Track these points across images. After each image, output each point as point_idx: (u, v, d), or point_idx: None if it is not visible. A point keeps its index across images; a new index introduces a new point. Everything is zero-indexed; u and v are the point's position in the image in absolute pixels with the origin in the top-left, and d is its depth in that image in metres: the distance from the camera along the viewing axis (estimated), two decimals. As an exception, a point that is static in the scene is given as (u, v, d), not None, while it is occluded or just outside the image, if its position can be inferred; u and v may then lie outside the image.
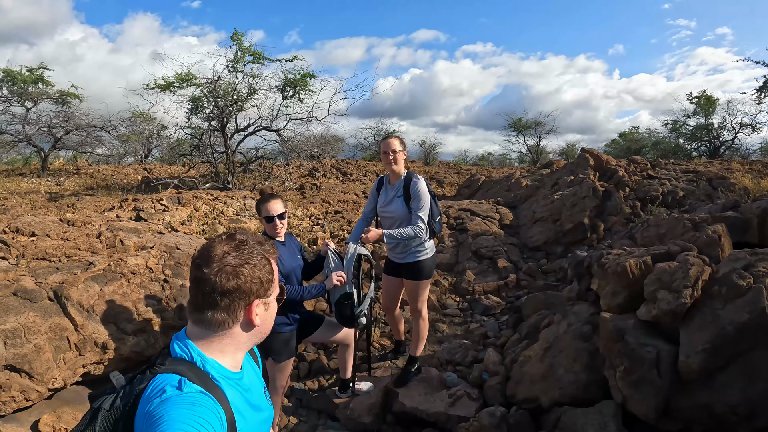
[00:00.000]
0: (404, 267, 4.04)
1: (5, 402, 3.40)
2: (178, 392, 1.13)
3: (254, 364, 1.57)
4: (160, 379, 1.18)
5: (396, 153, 3.91)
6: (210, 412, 1.13)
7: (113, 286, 4.43)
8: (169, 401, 1.11)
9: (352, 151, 29.91)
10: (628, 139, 27.91)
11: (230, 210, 9.38)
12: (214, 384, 1.24)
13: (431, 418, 3.70)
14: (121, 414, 1.18)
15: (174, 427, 1.04)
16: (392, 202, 3.97)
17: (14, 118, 16.07)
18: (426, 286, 4.10)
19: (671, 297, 2.97)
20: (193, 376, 1.20)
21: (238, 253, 1.28)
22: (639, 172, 8.93)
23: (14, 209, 8.44)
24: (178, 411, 1.08)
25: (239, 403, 1.31)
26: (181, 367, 1.21)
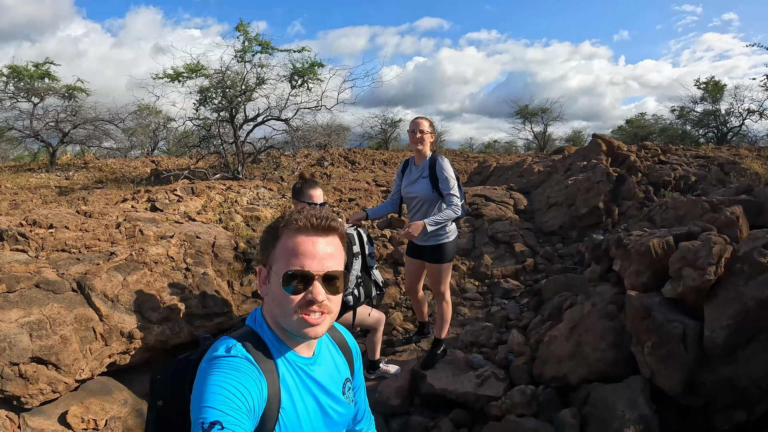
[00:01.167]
0: (427, 250, 4.06)
1: (33, 395, 3.38)
2: (225, 354, 1.21)
3: (341, 358, 1.53)
4: (221, 341, 1.26)
5: (424, 134, 3.96)
6: (249, 378, 1.17)
7: (136, 275, 4.44)
8: (215, 363, 1.18)
9: (359, 140, 29.86)
10: (634, 125, 27.64)
11: (244, 199, 9.38)
12: (268, 356, 1.28)
13: (460, 399, 3.72)
14: (190, 366, 1.30)
15: (211, 390, 1.11)
16: (416, 182, 4.02)
17: (21, 114, 16.09)
18: (448, 268, 4.11)
19: (696, 274, 2.99)
20: (250, 344, 1.26)
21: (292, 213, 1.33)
22: (650, 157, 8.88)
23: (25, 204, 8.48)
24: (219, 374, 1.15)
25: (294, 384, 1.31)
26: (244, 333, 1.30)
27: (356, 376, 1.59)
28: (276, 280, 1.27)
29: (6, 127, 16.50)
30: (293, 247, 1.26)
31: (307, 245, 1.27)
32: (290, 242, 1.27)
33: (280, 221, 1.32)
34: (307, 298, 1.25)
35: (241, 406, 1.11)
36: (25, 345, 3.49)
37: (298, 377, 1.32)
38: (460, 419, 3.61)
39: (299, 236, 1.27)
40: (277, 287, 1.26)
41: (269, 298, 1.31)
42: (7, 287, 3.84)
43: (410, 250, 4.31)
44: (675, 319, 2.93)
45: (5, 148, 18.67)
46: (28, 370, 3.46)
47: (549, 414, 3.15)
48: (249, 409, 1.13)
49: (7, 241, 4.83)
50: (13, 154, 19.32)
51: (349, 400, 1.48)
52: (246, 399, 1.13)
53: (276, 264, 1.28)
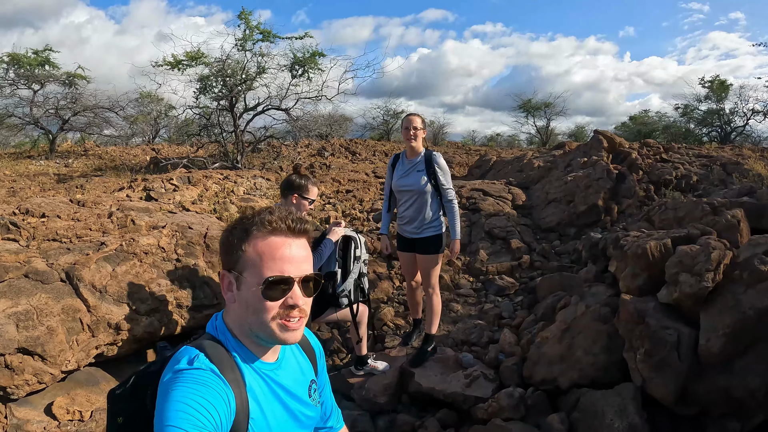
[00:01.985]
0: (420, 242, 4.14)
1: (18, 385, 3.37)
2: (188, 366, 1.14)
3: (305, 360, 1.48)
4: (182, 352, 1.20)
5: (417, 130, 4.08)
6: (215, 392, 1.11)
7: (126, 266, 4.40)
8: (177, 377, 1.12)
9: (361, 130, 29.74)
10: (638, 122, 27.48)
11: (241, 189, 9.34)
12: (233, 365, 1.21)
13: (448, 399, 3.67)
14: (150, 379, 1.22)
15: (174, 407, 1.05)
16: (410, 175, 4.11)
17: (21, 101, 16.03)
18: (439, 260, 4.21)
19: (693, 280, 2.92)
20: (213, 353, 1.19)
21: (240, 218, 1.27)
22: (652, 155, 8.81)
23: (23, 191, 8.44)
24: (183, 390, 1.08)
25: (261, 392, 1.26)
26: (206, 343, 1.22)
27: (320, 375, 1.56)
28: (249, 286, 1.19)
29: (6, 114, 16.43)
30: (270, 251, 1.20)
31: (285, 249, 1.21)
32: (265, 246, 1.20)
33: (247, 222, 1.23)
34: (287, 303, 1.20)
35: (207, 423, 1.06)
36: (11, 335, 3.46)
37: (265, 384, 1.28)
38: (446, 419, 3.56)
39: (275, 239, 1.21)
40: (252, 294, 1.19)
41: (238, 306, 1.24)
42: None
43: (402, 245, 4.34)
44: (669, 326, 2.87)
45: (5, 135, 18.56)
46: (13, 360, 3.43)
47: (537, 418, 3.10)
48: (215, 425, 1.08)
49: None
50: (13, 141, 19.23)
51: (315, 402, 1.44)
52: (212, 415, 1.07)
53: (249, 270, 1.20)
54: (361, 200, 9.33)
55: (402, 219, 4.22)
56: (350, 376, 4.13)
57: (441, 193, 4.11)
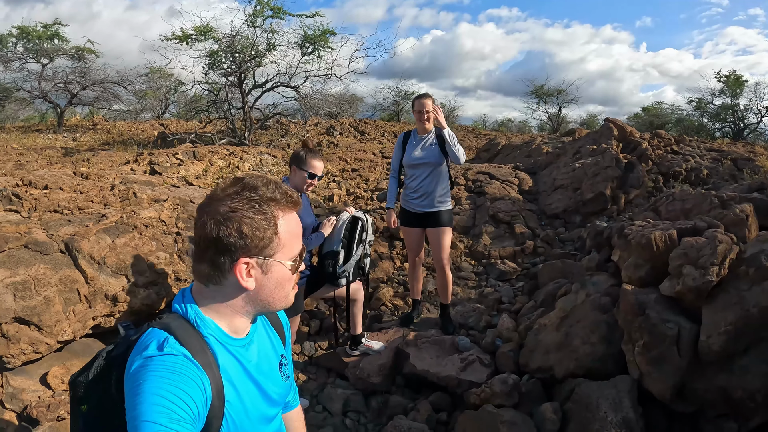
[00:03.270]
0: (433, 215, 4.25)
1: (14, 354, 3.40)
2: (158, 353, 1.06)
3: (274, 334, 1.42)
4: (149, 335, 1.11)
5: (429, 113, 4.19)
6: (189, 380, 1.05)
7: (125, 238, 4.39)
8: (148, 365, 1.04)
9: (371, 110, 29.49)
10: (651, 113, 26.90)
11: (246, 165, 9.30)
12: (204, 346, 1.14)
13: (441, 382, 3.65)
14: (114, 364, 1.14)
15: (150, 400, 0.98)
16: (425, 148, 4.24)
17: (30, 75, 15.93)
18: (450, 233, 4.36)
19: (697, 273, 2.82)
20: (183, 335, 1.12)
21: (232, 200, 1.12)
22: (663, 146, 8.65)
23: (30, 164, 8.44)
24: (156, 380, 1.02)
25: (234, 372, 1.20)
26: (174, 324, 1.14)
27: (287, 348, 1.50)
28: (280, 266, 1.18)
29: (14, 88, 16.45)
30: (296, 227, 1.21)
31: (300, 224, 1.24)
32: (292, 222, 1.20)
33: (266, 202, 1.14)
34: (299, 270, 1.25)
35: (185, 415, 1.00)
36: (8, 305, 3.48)
37: (237, 363, 1.22)
38: (439, 403, 3.55)
39: (294, 214, 1.21)
40: (284, 273, 1.19)
41: (259, 290, 1.18)
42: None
43: (409, 220, 4.39)
44: (670, 320, 2.78)
45: (14, 109, 18.57)
46: (10, 330, 3.46)
47: (530, 406, 3.06)
48: (193, 416, 1.02)
49: (1, 201, 4.79)
50: (23, 115, 19.24)
51: (285, 377, 1.40)
52: (188, 406, 1.02)
53: (281, 251, 1.17)
54: (367, 179, 9.25)
55: (413, 193, 4.28)
56: (345, 355, 4.12)
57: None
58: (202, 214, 1.13)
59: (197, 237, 1.14)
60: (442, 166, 4.24)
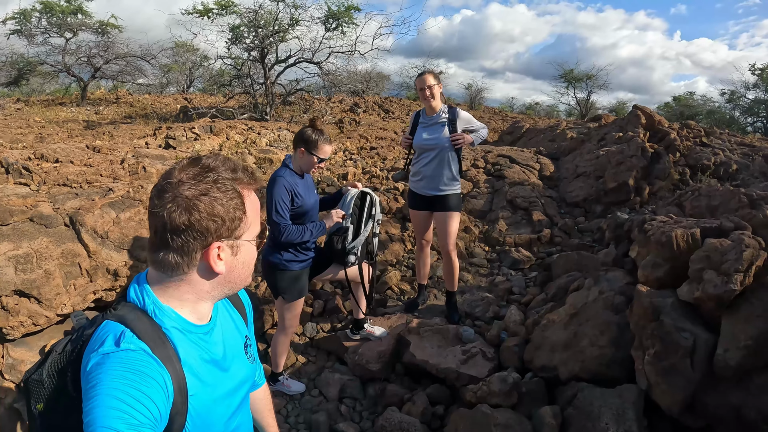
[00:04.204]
0: (439, 199, 4.10)
1: (14, 326, 3.42)
2: (114, 348, 0.99)
3: (237, 315, 1.36)
4: (104, 328, 1.04)
5: (432, 88, 3.98)
6: (149, 378, 0.98)
7: (130, 212, 4.35)
8: (104, 363, 0.97)
9: (397, 89, 29.20)
10: (681, 103, 26.05)
11: (263, 140, 9.20)
12: (163, 338, 1.06)
13: (440, 374, 3.52)
14: (68, 360, 1.09)
15: (106, 403, 0.92)
16: (433, 131, 4.06)
17: (53, 49, 16.19)
18: (459, 219, 4.22)
19: (719, 280, 2.57)
20: (140, 328, 1.04)
21: (197, 182, 1.04)
22: (692, 138, 8.22)
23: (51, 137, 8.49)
24: (113, 380, 0.94)
25: (196, 362, 1.12)
26: (130, 315, 1.06)
27: (249, 327, 1.43)
28: (248, 246, 1.15)
29: (38, 62, 16.63)
30: (257, 203, 1.17)
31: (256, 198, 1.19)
32: (254, 201, 1.16)
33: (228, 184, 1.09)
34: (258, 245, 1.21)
35: (144, 420, 0.93)
36: (9, 278, 3.50)
37: (200, 350, 1.14)
38: (437, 395, 3.43)
39: (254, 192, 1.16)
40: (251, 252, 1.16)
41: (230, 272, 1.13)
42: (1, 220, 3.83)
43: (416, 203, 4.26)
44: (686, 329, 2.56)
45: (39, 83, 18.82)
46: (9, 302, 3.47)
47: (531, 407, 2.89)
48: (154, 419, 0.95)
49: (12, 174, 4.80)
50: (49, 89, 19.50)
51: (251, 359, 1.35)
52: (148, 409, 0.95)
53: (249, 230, 1.14)
54: (384, 158, 9.09)
55: (420, 176, 4.14)
56: (346, 339, 4.02)
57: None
58: (163, 200, 1.03)
59: (159, 224, 1.04)
60: (449, 148, 4.01)
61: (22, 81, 17.72)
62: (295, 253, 3.27)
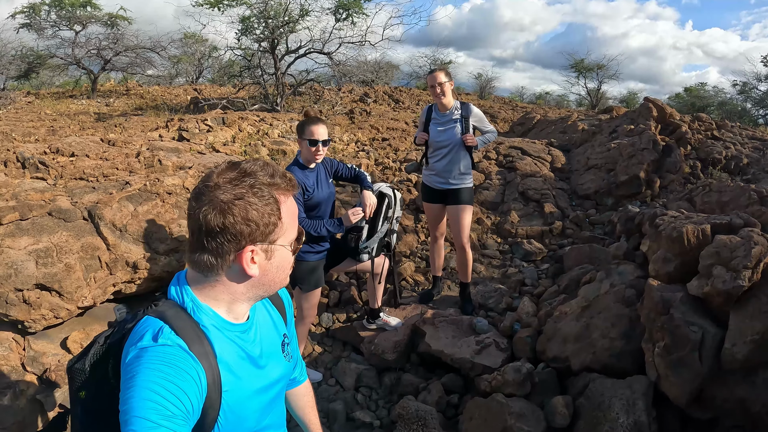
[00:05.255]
0: (452, 193, 4.17)
1: (35, 319, 3.48)
2: (152, 343, 1.04)
3: (276, 314, 1.40)
4: (144, 323, 1.09)
5: (443, 85, 4.00)
6: (184, 372, 1.02)
7: (147, 205, 4.41)
8: (142, 356, 1.02)
9: (407, 78, 29.06)
10: (693, 94, 25.71)
11: (275, 132, 9.25)
12: (200, 335, 1.10)
13: (455, 364, 3.58)
14: (111, 351, 1.15)
15: (142, 395, 0.96)
16: (446, 130, 4.11)
17: (63, 42, 16.22)
18: (471, 212, 4.26)
19: (728, 276, 2.61)
20: (178, 324, 1.09)
21: (233, 186, 1.06)
22: (703, 131, 8.20)
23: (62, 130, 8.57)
24: (149, 373, 0.99)
25: (233, 358, 1.17)
26: (169, 312, 1.11)
27: (289, 326, 1.47)
28: (283, 251, 1.16)
29: (48, 55, 16.68)
30: (294, 208, 1.19)
31: (295, 203, 1.21)
32: (292, 206, 1.17)
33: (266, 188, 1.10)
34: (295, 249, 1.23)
35: (177, 411, 0.98)
36: (30, 272, 3.54)
37: (237, 348, 1.18)
38: (452, 385, 3.50)
39: (292, 197, 1.18)
40: (286, 257, 1.18)
41: (263, 276, 1.16)
42: (20, 215, 3.88)
43: (429, 196, 4.33)
44: (695, 323, 2.61)
45: (49, 76, 18.92)
46: (31, 296, 3.52)
47: (543, 397, 2.96)
48: (186, 412, 1.00)
49: (29, 169, 4.87)
50: (58, 81, 19.58)
51: (288, 357, 1.38)
52: (181, 401, 0.99)
53: (283, 236, 1.15)
54: (396, 149, 9.12)
55: (433, 171, 4.21)
56: (361, 329, 4.09)
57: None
58: (200, 202, 1.06)
59: (195, 226, 1.08)
60: (461, 145, 4.09)
61: (32, 74, 17.81)
62: (311, 245, 3.35)
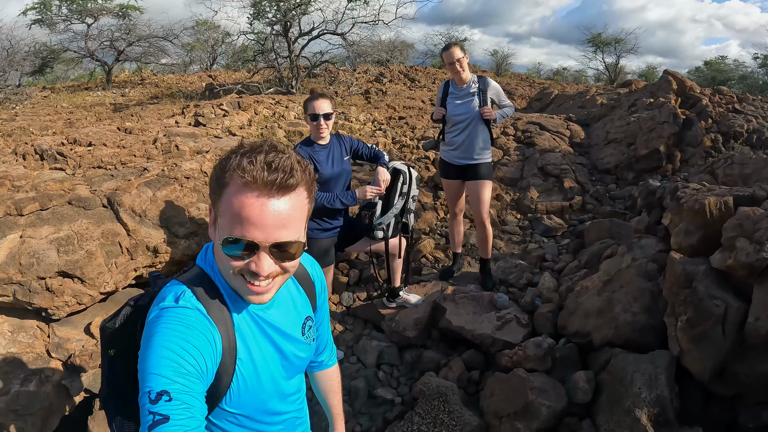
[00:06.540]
0: (471, 168, 4.15)
1: (58, 306, 3.53)
2: (173, 305, 1.09)
3: (301, 295, 1.37)
4: (170, 287, 1.14)
5: (461, 60, 3.99)
6: (200, 334, 1.06)
7: (166, 190, 4.44)
8: (162, 316, 1.07)
9: (422, 57, 28.73)
10: (713, 68, 24.84)
11: (291, 114, 9.21)
12: (221, 303, 1.15)
13: (476, 339, 3.57)
14: (140, 312, 1.22)
15: (159, 353, 1.01)
16: (464, 103, 4.07)
17: (76, 35, 16.19)
18: (491, 187, 4.24)
19: (751, 248, 2.52)
20: (201, 290, 1.14)
21: (235, 150, 1.07)
22: (724, 104, 7.95)
23: (79, 122, 8.63)
24: (167, 332, 1.04)
25: (250, 332, 1.20)
26: (194, 279, 1.16)
27: (319, 310, 1.46)
28: (220, 234, 1.07)
29: (61, 49, 16.71)
30: (238, 208, 1.02)
31: (254, 209, 1.02)
32: (235, 200, 1.02)
33: (229, 160, 1.04)
34: (249, 268, 1.06)
35: (191, 369, 1.01)
36: (52, 260, 3.59)
37: (254, 323, 1.21)
38: (473, 361, 3.49)
39: (246, 195, 1.02)
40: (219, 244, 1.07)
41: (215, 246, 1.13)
42: (41, 205, 3.94)
43: (448, 172, 4.31)
44: (718, 296, 2.54)
45: (63, 69, 19.00)
46: (54, 283, 3.57)
47: (565, 372, 2.93)
48: (200, 371, 1.03)
49: (47, 160, 4.93)
50: (72, 75, 19.66)
51: (309, 339, 1.37)
52: (196, 360, 1.03)
53: (222, 217, 1.06)
54: (414, 127, 9.04)
55: (452, 146, 4.17)
56: (382, 307, 4.10)
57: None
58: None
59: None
60: (479, 119, 4.05)
61: (46, 69, 17.88)
62: (319, 222, 3.36)
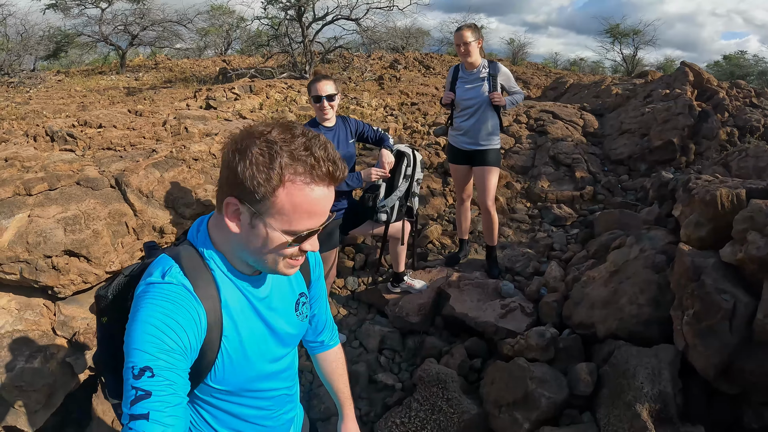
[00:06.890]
0: (478, 154, 4.09)
1: (64, 285, 3.55)
2: (159, 280, 1.10)
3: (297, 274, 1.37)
4: (158, 261, 1.15)
5: (469, 44, 3.89)
6: (184, 310, 1.07)
7: (174, 171, 4.45)
8: (148, 291, 1.08)
9: (437, 45, 28.58)
10: (732, 63, 24.43)
11: (303, 98, 9.19)
12: (208, 279, 1.14)
13: (479, 327, 3.54)
14: (130, 283, 1.22)
15: (141, 328, 1.02)
16: (473, 88, 4.00)
17: (90, 20, 16.27)
18: (497, 175, 4.18)
19: (763, 242, 2.44)
20: (188, 265, 1.13)
21: (260, 139, 1.02)
22: (741, 98, 7.81)
23: (92, 105, 8.68)
24: (151, 308, 1.05)
25: (238, 306, 1.18)
26: (184, 253, 1.15)
27: (314, 286, 1.46)
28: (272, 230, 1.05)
29: (75, 34, 16.78)
30: (310, 205, 1.04)
31: (320, 203, 1.05)
32: (305, 198, 1.03)
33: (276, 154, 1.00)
34: (303, 249, 1.12)
35: (174, 346, 1.02)
36: (58, 239, 3.61)
37: (243, 298, 1.20)
38: (475, 349, 3.46)
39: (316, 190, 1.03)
40: (274, 239, 1.06)
41: (244, 237, 1.09)
42: (49, 185, 3.97)
43: (456, 157, 4.26)
44: (727, 290, 2.46)
45: (78, 54, 19.04)
46: (60, 262, 3.60)
47: (567, 362, 2.89)
48: (183, 347, 1.04)
49: (57, 141, 4.96)
50: (87, 59, 19.75)
51: (302, 317, 1.37)
52: (179, 337, 1.04)
53: (276, 217, 1.04)
54: (426, 114, 8.99)
55: (460, 131, 4.12)
56: (386, 292, 4.09)
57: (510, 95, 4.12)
58: (233, 140, 1.07)
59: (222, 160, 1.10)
60: (488, 104, 3.98)
61: (60, 53, 17.99)
62: None
